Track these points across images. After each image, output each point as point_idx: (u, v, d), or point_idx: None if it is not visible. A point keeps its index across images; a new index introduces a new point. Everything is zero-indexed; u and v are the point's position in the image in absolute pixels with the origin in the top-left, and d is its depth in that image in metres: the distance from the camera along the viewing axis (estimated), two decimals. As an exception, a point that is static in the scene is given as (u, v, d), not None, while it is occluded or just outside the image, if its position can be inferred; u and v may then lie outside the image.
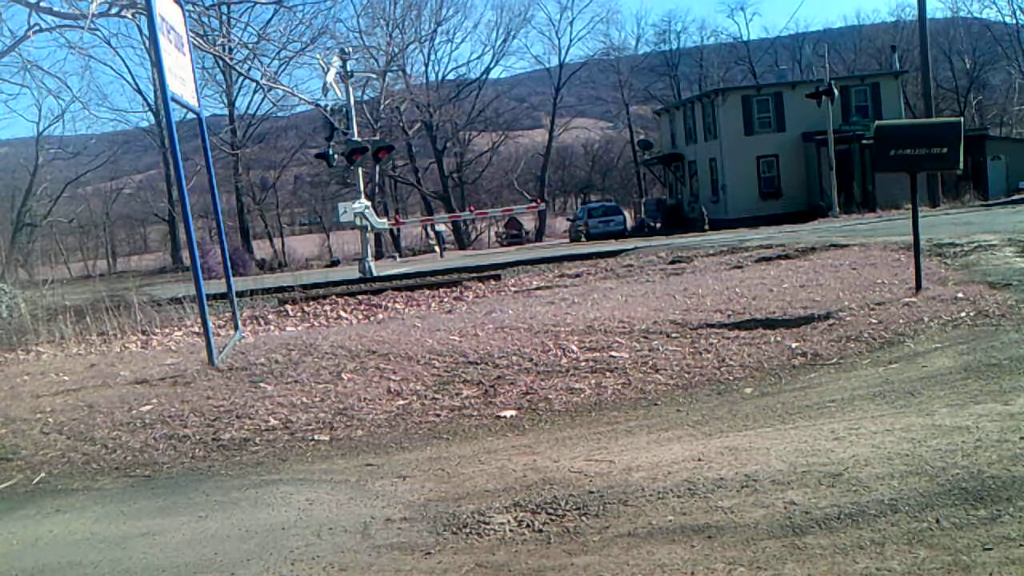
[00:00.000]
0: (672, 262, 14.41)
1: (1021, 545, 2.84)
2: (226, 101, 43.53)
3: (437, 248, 39.73)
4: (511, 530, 3.46)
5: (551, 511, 3.60)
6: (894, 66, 37.80)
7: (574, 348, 6.87)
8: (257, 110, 44.98)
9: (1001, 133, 49.23)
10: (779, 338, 6.72)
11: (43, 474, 5.00)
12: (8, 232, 36.08)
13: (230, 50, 16.07)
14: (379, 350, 7.12)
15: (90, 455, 5.24)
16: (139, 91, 45.17)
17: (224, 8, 16.92)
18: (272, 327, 11.53)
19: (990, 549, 2.83)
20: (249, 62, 17.04)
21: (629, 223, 43.17)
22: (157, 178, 52.24)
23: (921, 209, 8.62)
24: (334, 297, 14.32)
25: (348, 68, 19.15)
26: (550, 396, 5.76)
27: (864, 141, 30.96)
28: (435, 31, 51.01)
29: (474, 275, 15.83)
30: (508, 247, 43.05)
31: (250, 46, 15.69)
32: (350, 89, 19.40)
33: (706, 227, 32.59)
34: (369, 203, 20.31)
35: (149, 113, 44.79)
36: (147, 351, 9.13)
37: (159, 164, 48.34)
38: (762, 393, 5.45)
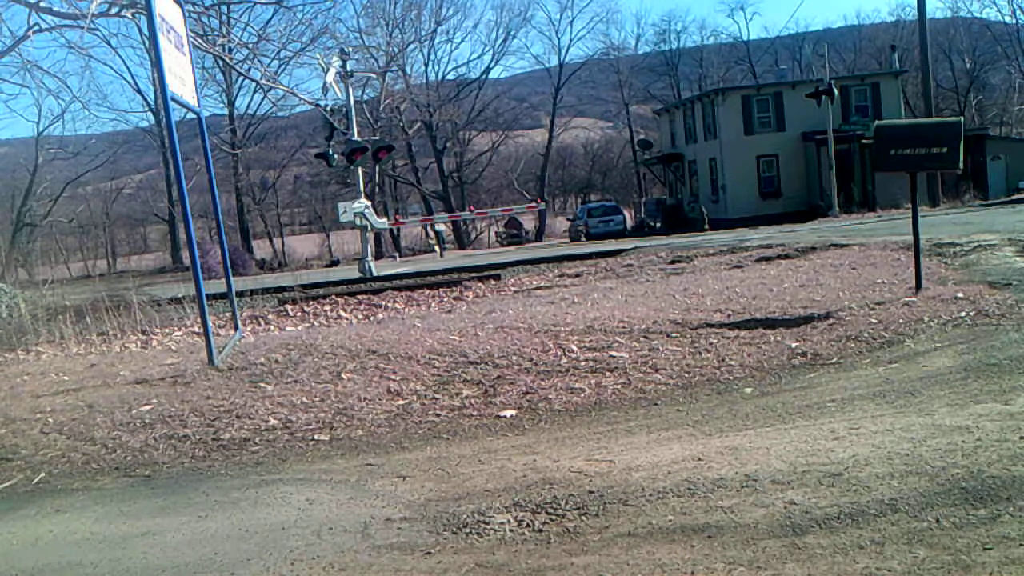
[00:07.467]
0: (672, 262, 14.41)
1: (1021, 545, 2.84)
2: (226, 101, 43.62)
3: (437, 248, 39.69)
4: (511, 530, 3.46)
5: (551, 511, 3.59)
6: (894, 66, 37.76)
7: (574, 348, 6.87)
8: (257, 110, 45.12)
9: (1001, 133, 49.17)
10: (779, 338, 6.72)
11: (43, 474, 5.00)
12: (8, 232, 36.13)
13: (230, 50, 16.08)
14: (379, 350, 7.12)
15: (90, 455, 5.24)
16: (139, 91, 45.36)
17: (224, 8, 16.89)
18: (272, 327, 11.52)
19: (990, 549, 2.83)
20: (249, 62, 17.07)
21: (629, 223, 43.16)
22: (157, 178, 52.29)
23: (921, 209, 8.62)
24: (334, 297, 14.32)
25: (348, 68, 19.15)
26: (550, 396, 5.76)
27: (864, 141, 30.96)
28: (435, 31, 51.09)
29: (474, 275, 15.82)
30: (508, 247, 43.00)
31: (250, 46, 15.69)
32: (350, 89, 19.40)
33: (706, 227, 32.58)
34: (369, 203, 20.31)
35: (149, 113, 44.93)
36: (147, 351, 9.13)
37: (159, 164, 48.40)
38: (762, 393, 5.45)
